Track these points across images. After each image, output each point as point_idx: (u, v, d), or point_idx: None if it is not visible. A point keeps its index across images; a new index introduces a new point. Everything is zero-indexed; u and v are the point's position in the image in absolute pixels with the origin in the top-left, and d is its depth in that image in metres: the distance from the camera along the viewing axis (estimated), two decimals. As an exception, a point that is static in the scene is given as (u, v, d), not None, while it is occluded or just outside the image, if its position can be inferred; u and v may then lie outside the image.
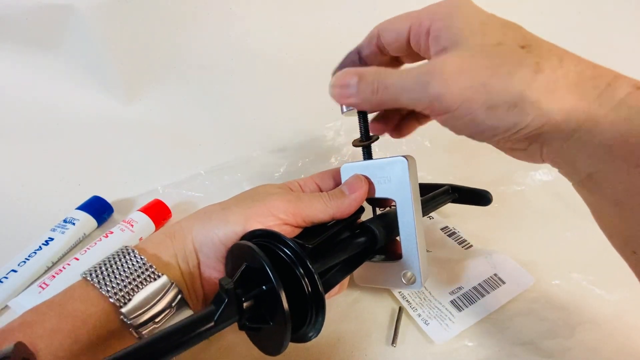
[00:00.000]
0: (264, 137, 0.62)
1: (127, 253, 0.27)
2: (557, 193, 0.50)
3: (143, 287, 0.26)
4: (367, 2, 0.70)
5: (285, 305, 0.22)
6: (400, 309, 0.37)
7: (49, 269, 0.42)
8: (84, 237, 0.46)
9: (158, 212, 0.47)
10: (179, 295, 0.27)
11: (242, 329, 0.24)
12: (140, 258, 0.27)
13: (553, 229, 0.46)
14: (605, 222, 0.25)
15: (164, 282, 0.26)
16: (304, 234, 0.31)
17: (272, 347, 0.25)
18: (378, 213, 0.36)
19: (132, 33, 0.63)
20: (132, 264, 0.26)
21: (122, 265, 0.26)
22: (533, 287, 0.38)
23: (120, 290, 0.25)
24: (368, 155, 0.34)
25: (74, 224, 0.45)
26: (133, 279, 0.26)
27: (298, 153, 0.59)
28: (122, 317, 0.25)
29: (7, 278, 0.40)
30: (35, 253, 0.42)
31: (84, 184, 0.54)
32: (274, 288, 0.22)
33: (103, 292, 0.25)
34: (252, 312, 0.23)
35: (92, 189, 0.50)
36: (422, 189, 0.33)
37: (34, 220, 0.48)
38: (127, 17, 0.61)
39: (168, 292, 0.26)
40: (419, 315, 0.36)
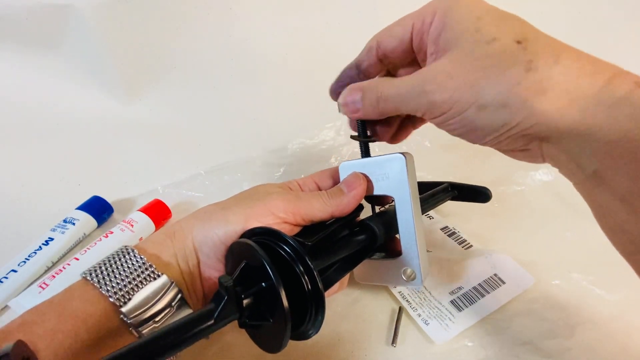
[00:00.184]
0: (264, 137, 0.62)
1: (126, 253, 0.27)
2: (557, 193, 0.50)
3: (143, 286, 0.26)
4: (367, 2, 0.70)
5: (285, 303, 0.22)
6: (400, 309, 0.37)
7: (49, 269, 0.42)
8: (84, 237, 0.46)
9: (158, 212, 0.47)
10: (179, 295, 0.27)
11: (242, 327, 0.24)
12: (140, 258, 0.27)
13: (553, 229, 0.46)
14: (609, 221, 0.24)
15: (164, 281, 0.26)
16: (304, 233, 0.31)
17: (272, 344, 0.25)
18: (377, 211, 0.36)
19: (132, 33, 0.63)
20: (132, 264, 0.26)
21: (122, 265, 0.26)
22: (533, 287, 0.38)
23: (120, 290, 0.25)
24: (366, 153, 0.34)
25: (74, 224, 0.45)
26: (133, 279, 0.26)
27: (298, 153, 0.59)
28: (122, 316, 0.25)
29: (7, 278, 0.40)
30: (35, 253, 0.42)
31: (84, 184, 0.54)
32: (274, 285, 0.22)
33: (103, 291, 0.25)
34: (251, 309, 0.23)
35: (92, 189, 0.50)
36: (421, 187, 0.33)
37: (34, 220, 0.48)
38: (127, 17, 0.61)
39: (168, 291, 0.26)
40: (419, 315, 0.36)
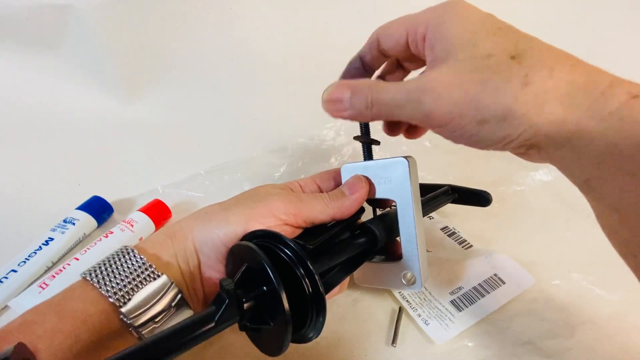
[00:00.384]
0: (264, 137, 0.62)
1: (126, 253, 0.27)
2: (557, 193, 0.50)
3: (143, 286, 0.26)
4: (367, 2, 0.71)
5: (286, 306, 0.22)
6: (401, 309, 0.37)
7: (49, 269, 0.42)
8: (84, 237, 0.46)
9: (158, 212, 0.47)
10: (179, 295, 0.27)
11: (242, 330, 0.24)
12: (140, 258, 0.27)
13: (553, 229, 0.46)
14: (605, 224, 0.25)
15: (164, 281, 0.26)
16: (305, 235, 0.31)
17: (272, 347, 0.24)
18: (378, 213, 0.36)
19: (132, 33, 0.63)
20: (131, 264, 0.26)
21: (121, 265, 0.26)
22: (533, 287, 0.38)
23: (120, 290, 0.25)
24: (368, 156, 0.34)
25: (74, 224, 0.45)
26: (133, 279, 0.26)
27: (298, 153, 0.59)
28: (121, 316, 0.25)
29: (7, 278, 0.40)
30: (35, 253, 0.42)
31: (84, 184, 0.54)
32: (275, 289, 0.22)
33: (102, 291, 0.25)
34: (252, 312, 0.23)
35: (92, 189, 0.50)
36: (421, 189, 0.33)
37: (34, 220, 0.48)
38: (127, 17, 0.61)
39: (168, 291, 0.26)
40: (419, 316, 0.36)
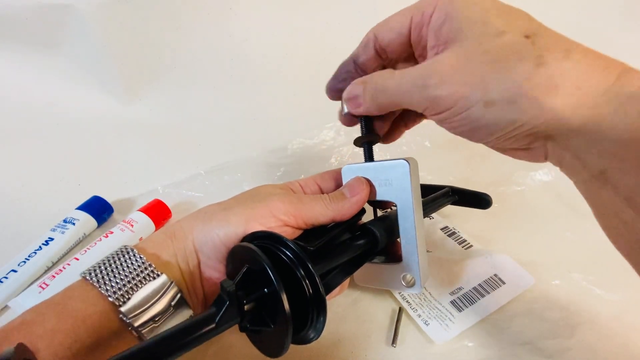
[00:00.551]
0: (264, 137, 0.62)
1: (126, 252, 0.27)
2: (557, 193, 0.50)
3: (142, 286, 0.26)
4: (367, 2, 0.71)
5: (287, 308, 0.22)
6: (401, 310, 0.37)
7: (49, 269, 0.42)
8: (84, 237, 0.46)
9: (158, 212, 0.47)
10: (179, 295, 0.27)
11: (243, 331, 0.24)
12: (140, 257, 0.27)
13: (553, 229, 0.46)
14: (613, 222, 0.23)
15: (164, 281, 0.26)
16: (305, 236, 0.31)
17: (273, 349, 0.24)
18: (379, 215, 0.35)
19: (132, 33, 0.63)
20: (131, 263, 0.26)
21: (121, 265, 0.26)
22: (533, 287, 0.38)
23: (120, 289, 0.25)
24: (369, 157, 0.34)
25: (74, 224, 0.45)
26: (132, 278, 0.26)
27: (298, 153, 0.59)
28: (121, 316, 0.25)
29: (7, 278, 0.40)
30: (35, 253, 0.42)
31: (84, 184, 0.54)
32: (276, 290, 0.22)
33: (102, 291, 0.25)
34: (253, 314, 0.23)
35: (92, 189, 0.50)
36: (422, 190, 0.33)
37: (34, 220, 0.48)
38: (127, 17, 0.61)
39: (167, 291, 0.26)
40: (419, 316, 0.36)
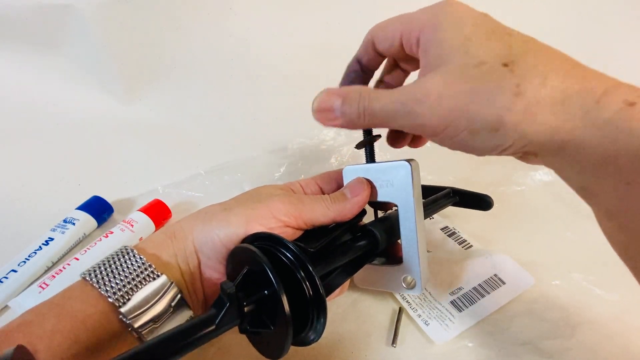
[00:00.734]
0: (264, 137, 0.62)
1: (126, 253, 0.27)
2: (557, 193, 0.50)
3: (142, 286, 0.26)
4: (367, 2, 0.70)
5: (287, 310, 0.22)
6: (401, 310, 0.37)
7: (49, 269, 0.42)
8: (84, 237, 0.46)
9: (158, 212, 0.47)
10: (179, 295, 0.26)
11: (242, 333, 0.24)
12: (140, 258, 0.27)
13: (553, 229, 0.46)
14: (604, 228, 0.25)
15: (163, 281, 0.26)
16: (305, 236, 0.31)
17: (273, 350, 0.24)
18: (380, 216, 0.35)
19: (132, 33, 0.63)
20: (131, 264, 0.26)
21: (121, 265, 0.26)
22: (533, 287, 0.38)
23: (119, 290, 0.25)
24: (371, 158, 0.34)
25: (74, 224, 0.45)
26: (132, 279, 0.26)
27: (298, 153, 0.59)
28: (121, 316, 0.25)
29: (7, 278, 0.40)
30: (35, 253, 0.42)
31: (84, 184, 0.54)
32: (276, 292, 0.22)
33: (102, 291, 0.25)
34: (253, 315, 0.23)
35: (92, 189, 0.50)
36: (423, 191, 0.33)
37: (34, 220, 0.48)
38: (127, 17, 0.61)
39: (167, 291, 0.26)
40: (419, 316, 0.36)
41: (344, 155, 0.58)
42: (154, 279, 0.26)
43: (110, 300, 0.25)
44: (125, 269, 0.26)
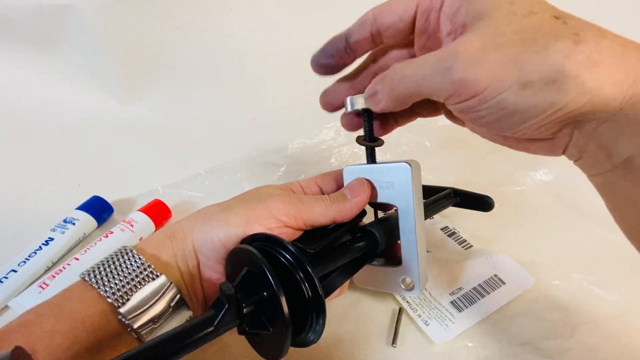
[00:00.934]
0: (264, 137, 0.62)
1: (125, 253, 0.27)
2: (557, 193, 0.50)
3: (141, 287, 0.26)
4: (367, 2, 0.70)
5: (286, 312, 0.22)
6: (401, 310, 0.37)
7: (49, 269, 0.42)
8: (84, 237, 0.46)
9: (158, 212, 0.47)
10: (178, 295, 0.26)
11: (241, 334, 0.24)
12: (139, 258, 0.27)
13: (553, 229, 0.46)
14: (631, 213, 0.23)
15: (163, 282, 0.26)
16: (305, 237, 0.31)
17: (272, 352, 0.24)
18: (380, 217, 0.35)
19: (132, 33, 0.63)
20: (130, 264, 0.26)
21: (120, 265, 0.26)
22: (533, 287, 0.38)
23: (119, 290, 0.25)
24: (371, 158, 0.33)
25: (74, 224, 0.45)
26: (131, 279, 0.26)
27: (298, 153, 0.59)
28: (120, 317, 0.25)
29: (7, 278, 0.40)
30: (35, 253, 0.42)
31: (84, 184, 0.54)
32: (275, 294, 0.22)
33: (101, 292, 0.25)
34: (252, 317, 0.23)
35: (92, 189, 0.50)
36: (424, 191, 0.33)
37: (34, 220, 0.48)
38: (127, 17, 0.61)
39: (167, 292, 0.26)
40: (419, 316, 0.36)
41: (344, 155, 0.58)
42: (154, 279, 0.26)
43: (110, 301, 0.25)
44: (125, 269, 0.26)
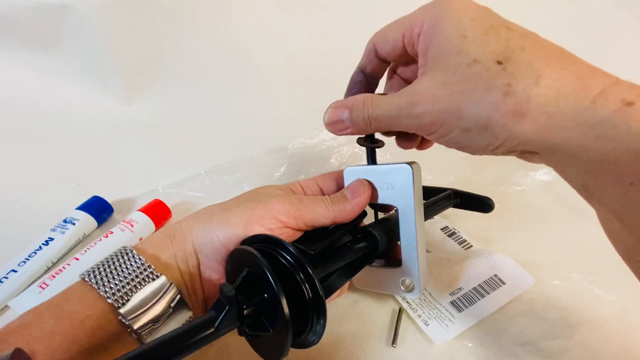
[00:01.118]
0: (264, 137, 0.62)
1: (125, 253, 0.27)
2: (557, 193, 0.50)
3: (141, 287, 0.25)
4: (367, 2, 0.70)
5: (287, 313, 0.22)
6: (401, 310, 0.37)
7: (49, 269, 0.42)
8: (84, 237, 0.46)
9: (158, 212, 0.47)
10: (178, 296, 0.26)
11: (242, 335, 0.24)
12: (139, 258, 0.27)
13: (553, 229, 0.46)
14: (607, 229, 0.24)
15: (163, 282, 0.26)
16: (305, 238, 0.31)
17: (272, 353, 0.24)
18: (380, 217, 0.35)
19: (132, 33, 0.63)
20: (130, 264, 0.26)
21: (120, 266, 0.26)
22: (533, 287, 0.38)
23: (119, 291, 0.25)
24: (372, 159, 0.33)
25: (74, 224, 0.45)
26: (131, 279, 0.25)
27: (298, 153, 0.59)
28: (120, 317, 0.25)
29: (7, 278, 0.40)
30: (35, 253, 0.42)
31: (84, 184, 0.54)
32: (276, 295, 0.22)
33: (101, 292, 0.25)
34: (252, 318, 0.23)
35: (92, 189, 0.50)
36: (424, 192, 0.33)
37: (34, 220, 0.48)
38: (127, 17, 0.61)
39: (167, 292, 0.26)
40: (419, 316, 0.36)
41: (344, 156, 0.58)
42: (154, 280, 0.26)
43: (110, 301, 0.25)
44: (125, 270, 0.26)
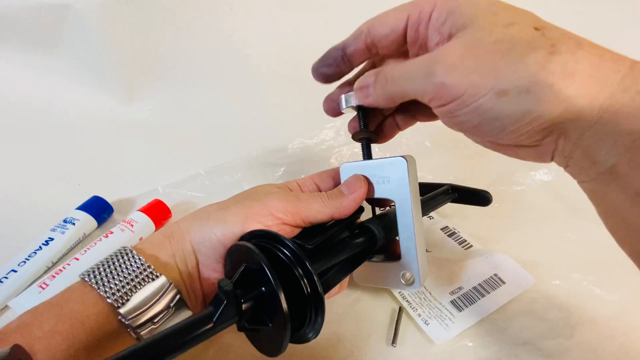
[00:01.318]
0: (264, 137, 0.62)
1: (125, 254, 0.27)
2: (557, 193, 0.50)
3: (141, 287, 0.26)
4: (367, 2, 0.70)
5: (285, 307, 0.22)
6: (401, 309, 0.37)
7: (49, 269, 0.42)
8: (84, 237, 0.46)
9: (158, 212, 0.47)
10: (178, 296, 0.26)
11: (240, 330, 0.24)
12: (139, 258, 0.27)
13: (553, 229, 0.46)
14: (618, 222, 0.23)
15: (163, 282, 0.26)
16: (303, 234, 0.31)
17: (271, 348, 0.24)
18: (377, 213, 0.35)
19: (132, 33, 0.63)
20: (130, 265, 0.26)
21: (120, 266, 0.26)
22: (533, 287, 0.38)
23: (119, 291, 0.25)
24: (368, 155, 0.34)
25: (74, 224, 0.45)
26: (131, 279, 0.26)
27: (298, 153, 0.59)
28: (120, 317, 0.25)
29: (7, 278, 0.40)
30: (35, 253, 0.42)
31: (84, 184, 0.54)
32: (273, 289, 0.22)
33: (101, 292, 0.25)
34: (251, 313, 0.23)
35: (92, 189, 0.50)
36: (421, 188, 0.33)
37: (34, 220, 0.48)
38: (127, 17, 0.61)
39: (166, 292, 0.26)
40: (419, 316, 0.36)
41: (344, 155, 0.58)
42: (153, 280, 0.26)
43: (109, 301, 0.25)
44: (125, 270, 0.26)
